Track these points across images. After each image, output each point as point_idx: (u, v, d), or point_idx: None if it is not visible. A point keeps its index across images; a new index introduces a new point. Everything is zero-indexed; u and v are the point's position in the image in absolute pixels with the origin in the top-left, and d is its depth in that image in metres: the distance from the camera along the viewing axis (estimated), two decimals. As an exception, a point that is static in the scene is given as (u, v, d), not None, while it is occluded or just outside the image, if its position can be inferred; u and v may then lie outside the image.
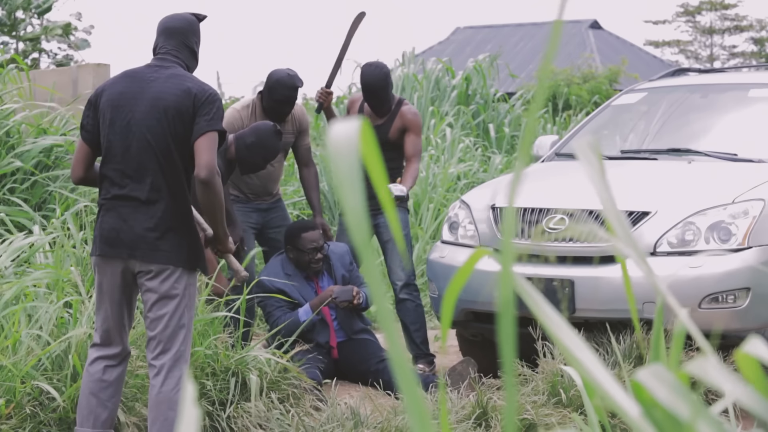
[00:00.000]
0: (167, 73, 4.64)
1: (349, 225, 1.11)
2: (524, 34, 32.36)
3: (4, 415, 4.84)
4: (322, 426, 5.18)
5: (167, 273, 4.52)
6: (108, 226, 4.56)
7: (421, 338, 6.95)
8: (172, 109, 4.53)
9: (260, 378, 5.49)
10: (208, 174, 4.48)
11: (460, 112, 13.73)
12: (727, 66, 27.49)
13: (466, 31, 33.47)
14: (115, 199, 4.56)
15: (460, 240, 6.63)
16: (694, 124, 7.16)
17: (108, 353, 4.66)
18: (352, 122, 1.16)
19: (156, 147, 4.53)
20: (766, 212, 5.96)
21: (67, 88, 9.56)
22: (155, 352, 4.58)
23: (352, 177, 1.10)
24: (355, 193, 1.10)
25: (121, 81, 4.66)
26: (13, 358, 4.99)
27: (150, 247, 4.50)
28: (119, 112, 4.58)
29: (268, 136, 6.28)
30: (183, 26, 4.76)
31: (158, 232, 4.51)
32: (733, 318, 5.80)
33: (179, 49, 4.73)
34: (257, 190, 6.91)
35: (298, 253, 6.48)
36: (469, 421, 5.25)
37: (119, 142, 4.57)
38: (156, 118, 4.54)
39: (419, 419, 1.09)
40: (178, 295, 4.54)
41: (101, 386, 4.63)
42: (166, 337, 4.56)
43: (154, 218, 4.51)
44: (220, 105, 4.60)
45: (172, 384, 4.55)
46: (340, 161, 1.12)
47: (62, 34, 21.31)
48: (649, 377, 1.19)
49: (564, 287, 5.98)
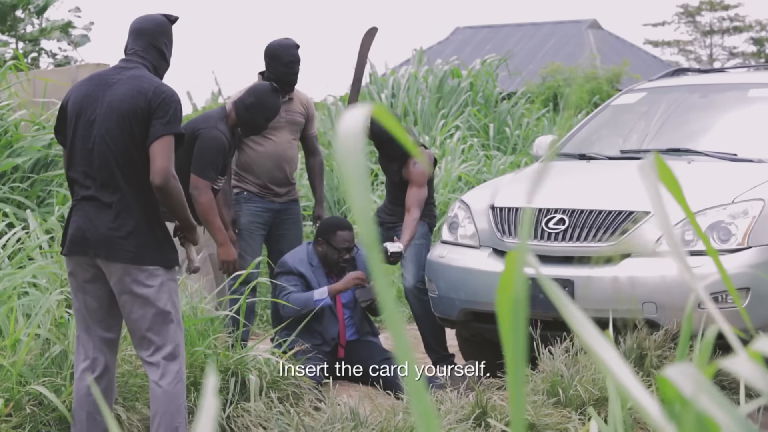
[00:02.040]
0: (128, 74, 4.64)
1: (356, 223, 1.10)
2: (524, 34, 32.35)
3: (3, 415, 4.84)
4: (322, 426, 5.18)
5: (135, 272, 4.53)
6: (75, 225, 4.59)
7: (437, 341, 6.94)
8: (128, 111, 4.54)
9: (260, 378, 5.49)
10: (162, 180, 4.49)
11: (465, 113, 13.72)
12: (727, 66, 27.49)
13: (466, 31, 33.46)
14: (82, 201, 4.60)
15: (460, 240, 6.63)
16: (693, 124, 7.16)
17: (88, 364, 4.66)
18: (358, 116, 1.15)
19: (115, 149, 4.54)
20: (765, 212, 5.96)
21: (66, 88, 9.55)
22: (149, 350, 4.60)
23: (358, 176, 1.09)
24: (362, 192, 1.09)
25: (86, 84, 4.69)
26: (11, 358, 4.99)
27: (114, 246, 4.52)
28: (82, 115, 4.61)
29: (267, 95, 6.29)
30: (151, 27, 4.75)
31: (122, 231, 4.52)
32: (733, 318, 5.79)
33: (147, 49, 4.73)
34: (273, 175, 6.86)
35: (328, 249, 6.49)
36: (469, 421, 5.25)
37: (82, 146, 4.60)
38: (114, 121, 4.55)
39: (425, 420, 1.09)
40: (152, 292, 4.55)
41: (89, 400, 4.65)
42: (154, 334, 4.57)
43: (118, 218, 4.53)
44: (177, 106, 4.58)
45: (170, 377, 4.56)
46: (347, 160, 1.11)
47: (61, 33, 21.29)
48: (678, 374, 1.19)
49: (564, 287, 5.98)
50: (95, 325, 4.65)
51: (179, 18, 4.89)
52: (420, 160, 6.75)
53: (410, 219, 6.65)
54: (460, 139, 12.37)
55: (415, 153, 1.19)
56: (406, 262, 6.94)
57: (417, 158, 6.75)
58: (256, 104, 6.26)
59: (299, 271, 6.42)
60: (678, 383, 1.18)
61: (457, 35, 33.12)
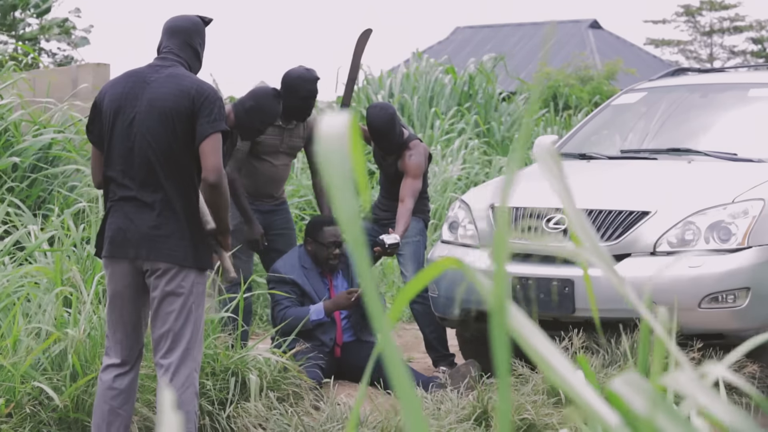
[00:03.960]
0: (166, 72, 4.63)
1: (340, 224, 1.09)
2: (524, 34, 32.35)
3: (3, 414, 4.84)
4: (322, 426, 5.18)
5: (173, 272, 4.52)
6: (115, 226, 4.56)
7: (438, 339, 6.95)
8: (171, 110, 4.52)
9: (260, 378, 5.49)
10: (216, 177, 4.49)
11: (458, 113, 13.71)
12: (727, 66, 27.49)
13: (466, 31, 33.46)
14: (121, 201, 4.57)
15: (460, 240, 6.63)
16: (693, 124, 7.16)
17: (118, 360, 4.66)
18: (341, 119, 1.14)
19: (157, 148, 4.52)
20: (765, 212, 5.96)
21: (66, 88, 9.55)
22: (162, 351, 4.58)
23: (343, 177, 1.08)
24: (346, 194, 1.08)
25: (122, 82, 4.65)
26: (12, 357, 4.99)
27: (156, 245, 4.51)
28: (120, 113, 4.58)
29: (267, 99, 6.25)
30: (187, 26, 4.75)
31: (163, 230, 4.51)
32: (733, 318, 5.79)
33: (182, 48, 4.72)
34: (265, 191, 6.85)
35: (317, 247, 6.49)
36: (469, 421, 5.25)
37: (121, 144, 4.57)
38: (155, 119, 4.53)
39: (414, 419, 1.08)
40: (183, 293, 4.53)
41: (112, 394, 4.63)
42: (172, 335, 4.55)
43: (159, 217, 4.51)
44: (220, 104, 4.58)
45: (180, 382, 4.54)
46: (330, 162, 1.09)
47: (60, 32, 21.28)
48: (623, 386, 1.17)
49: (564, 287, 5.98)
50: (128, 327, 4.64)
51: (213, 20, 4.89)
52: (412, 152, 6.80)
53: (404, 209, 6.68)
54: (459, 140, 12.37)
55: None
56: (405, 261, 6.95)
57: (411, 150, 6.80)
58: (256, 108, 6.25)
59: (291, 279, 6.41)
60: (625, 395, 1.16)
61: (457, 35, 33.13)
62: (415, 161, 6.77)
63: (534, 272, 6.06)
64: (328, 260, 6.48)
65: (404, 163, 6.80)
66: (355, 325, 6.51)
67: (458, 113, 13.79)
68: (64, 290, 5.55)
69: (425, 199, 7.03)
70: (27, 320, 5.34)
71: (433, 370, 6.90)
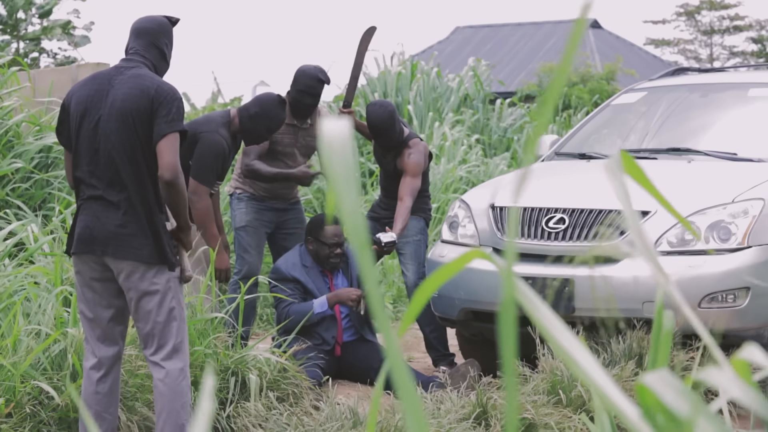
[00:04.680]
0: (130, 73, 4.67)
1: (345, 224, 1.09)
2: (524, 33, 32.36)
3: (3, 414, 4.84)
4: (322, 425, 5.18)
5: (142, 270, 4.56)
6: (83, 224, 4.61)
7: (438, 339, 6.95)
8: (132, 111, 4.57)
9: (260, 377, 5.49)
10: (171, 175, 4.51)
11: (460, 113, 13.72)
12: (727, 66, 27.49)
13: (466, 31, 33.47)
14: (89, 200, 4.62)
15: (460, 239, 6.63)
16: (693, 124, 7.16)
17: (94, 362, 4.68)
18: (342, 123, 1.15)
19: (120, 148, 4.57)
20: (765, 212, 5.96)
21: (67, 88, 9.55)
22: (151, 348, 4.63)
23: (346, 176, 1.09)
24: (350, 193, 1.08)
25: (88, 84, 4.70)
26: (12, 357, 4.99)
27: (121, 243, 4.55)
28: (86, 115, 4.63)
29: (272, 107, 6.29)
30: (152, 27, 4.78)
31: (128, 229, 4.55)
32: (733, 317, 5.79)
33: (147, 48, 4.75)
34: (281, 192, 6.88)
35: (318, 245, 6.50)
36: (469, 420, 5.24)
37: (88, 145, 4.62)
38: (118, 120, 4.58)
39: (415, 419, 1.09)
40: (158, 290, 4.57)
41: (96, 398, 4.68)
42: (158, 332, 4.60)
43: (125, 216, 4.55)
44: (179, 104, 4.61)
45: (174, 375, 4.59)
46: (334, 160, 1.10)
47: (62, 33, 21.29)
48: (656, 381, 1.18)
49: (564, 287, 5.98)
50: (102, 324, 4.66)
51: (180, 20, 4.91)
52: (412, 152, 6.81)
53: (403, 207, 6.69)
54: (457, 139, 12.37)
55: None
56: (406, 260, 6.95)
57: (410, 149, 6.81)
58: (260, 115, 6.28)
59: (293, 277, 6.43)
60: (657, 390, 1.17)
61: (457, 35, 33.13)
62: (414, 160, 6.78)
63: (534, 272, 6.06)
64: (329, 259, 6.50)
65: (403, 161, 6.81)
66: (357, 325, 6.52)
67: (459, 113, 13.79)
68: (64, 290, 5.55)
69: (426, 198, 7.04)
70: (27, 320, 5.35)
71: (433, 369, 6.91)
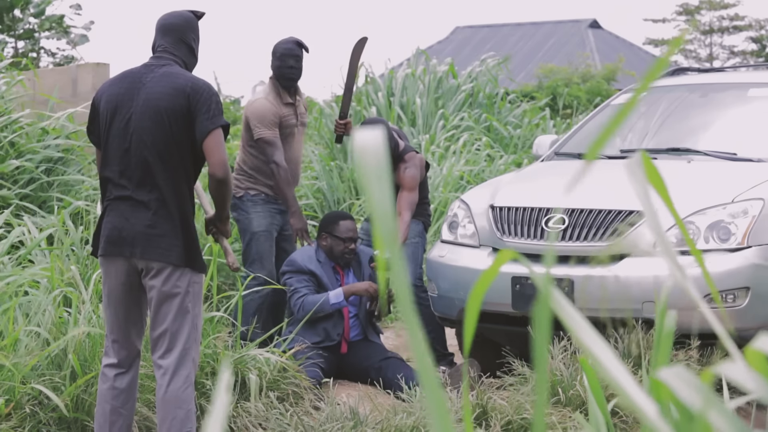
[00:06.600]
0: (161, 71, 4.62)
1: (376, 226, 1.11)
2: (524, 33, 32.38)
3: (3, 415, 4.84)
4: (322, 425, 5.18)
5: (168, 272, 4.52)
6: (111, 225, 4.57)
7: (437, 340, 6.96)
8: (166, 109, 4.52)
9: (260, 377, 5.49)
10: (223, 172, 4.51)
11: (465, 111, 13.70)
12: (727, 65, 27.49)
13: (466, 31, 33.48)
14: (117, 200, 4.57)
15: (460, 239, 6.63)
16: (693, 124, 7.16)
17: (115, 361, 4.66)
18: (375, 133, 1.17)
19: (153, 147, 4.52)
20: (765, 212, 5.96)
21: (67, 88, 9.56)
22: (160, 351, 4.58)
23: (379, 178, 1.10)
24: (383, 195, 1.10)
25: (118, 82, 4.66)
26: (12, 358, 4.99)
27: (151, 244, 4.50)
28: (117, 114, 4.58)
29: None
30: (179, 23, 4.74)
31: (158, 230, 4.51)
32: (733, 317, 5.79)
33: (176, 45, 4.71)
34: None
35: (333, 241, 6.53)
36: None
37: (118, 145, 4.57)
38: (151, 119, 4.53)
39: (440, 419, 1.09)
40: (179, 293, 4.53)
41: (113, 394, 4.64)
42: (170, 335, 4.55)
43: (155, 217, 4.51)
44: (217, 99, 4.57)
45: (180, 382, 4.54)
46: (367, 163, 1.12)
47: (57, 29, 21.28)
48: (671, 377, 1.19)
49: (564, 287, 5.98)
50: (124, 325, 4.64)
51: (205, 13, 4.88)
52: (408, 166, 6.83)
53: (401, 223, 6.73)
54: (464, 139, 12.37)
55: None
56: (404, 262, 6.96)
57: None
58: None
59: (309, 269, 6.46)
60: (672, 385, 1.18)
61: (457, 35, 33.14)
62: (410, 174, 6.82)
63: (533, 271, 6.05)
64: (343, 254, 6.53)
65: (399, 175, 6.84)
66: (363, 323, 6.54)
67: (466, 109, 13.79)
68: (64, 290, 5.55)
69: (426, 204, 7.08)
70: (27, 320, 5.35)
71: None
